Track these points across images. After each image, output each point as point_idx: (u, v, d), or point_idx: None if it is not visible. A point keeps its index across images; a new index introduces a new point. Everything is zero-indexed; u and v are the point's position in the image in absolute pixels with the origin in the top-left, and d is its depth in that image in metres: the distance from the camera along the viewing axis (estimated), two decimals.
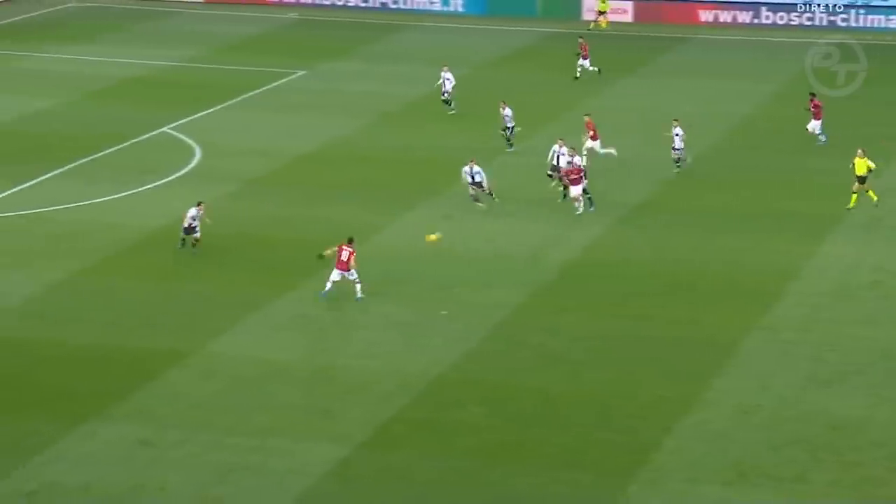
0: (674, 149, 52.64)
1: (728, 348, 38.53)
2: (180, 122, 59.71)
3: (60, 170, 53.59)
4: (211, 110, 61.94)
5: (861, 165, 47.76)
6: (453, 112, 60.18)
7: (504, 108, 55.16)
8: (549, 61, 71.11)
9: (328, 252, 41.31)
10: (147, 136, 57.83)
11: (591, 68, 66.65)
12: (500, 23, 79.38)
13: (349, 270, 41.08)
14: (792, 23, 78.17)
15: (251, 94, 64.92)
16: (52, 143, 57.11)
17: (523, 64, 71.14)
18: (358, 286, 41.20)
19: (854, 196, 48.03)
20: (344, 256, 41.02)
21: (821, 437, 33.59)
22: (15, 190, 51.22)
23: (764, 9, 78.73)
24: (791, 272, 43.70)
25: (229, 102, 62.74)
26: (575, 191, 48.07)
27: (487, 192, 48.21)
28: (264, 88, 65.29)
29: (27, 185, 51.84)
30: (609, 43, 73.77)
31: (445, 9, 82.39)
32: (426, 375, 37.17)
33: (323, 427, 34.54)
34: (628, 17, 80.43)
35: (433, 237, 43.52)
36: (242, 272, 44.06)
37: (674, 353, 38.43)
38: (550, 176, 49.93)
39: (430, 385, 36.72)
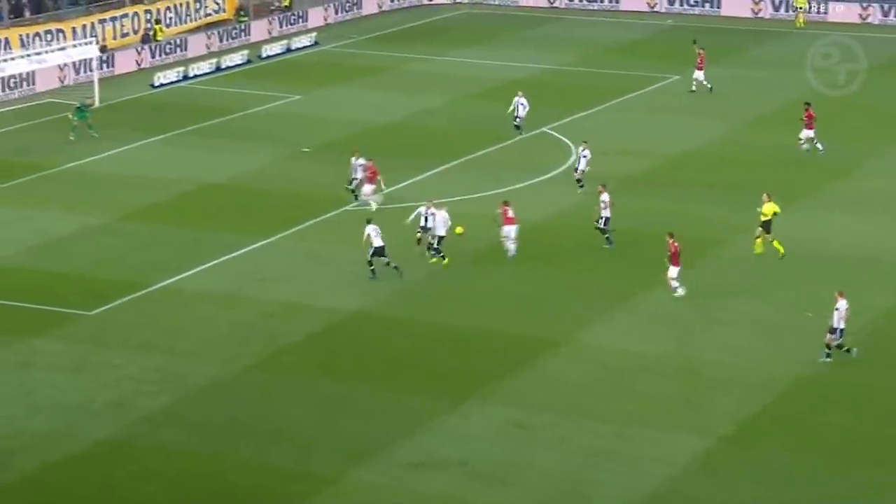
0: (576, 170, 49.79)
1: None
2: (559, 122, 59.68)
3: (446, 165, 54.40)
4: (588, 112, 61.67)
5: (768, 209, 42.21)
6: (520, 136, 56.42)
7: (356, 158, 49.08)
8: None
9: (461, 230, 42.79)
10: (528, 135, 58.03)
11: (705, 83, 62.15)
12: (877, 30, 75.93)
13: (515, 225, 42.81)
14: None
15: (627, 96, 64.30)
16: (439, 139, 58.05)
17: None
18: (513, 245, 43.01)
19: (758, 240, 42.63)
20: (511, 214, 42.78)
21: None
22: (408, 182, 52.25)
23: None
24: None
25: (607, 104, 62.30)
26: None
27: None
28: (640, 92, 64.53)
29: (419, 178, 52.86)
30: None
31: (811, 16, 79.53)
32: (788, 374, 35.78)
33: (687, 418, 33.70)
34: None
35: (458, 230, 42.92)
36: (612, 266, 43.55)
37: None
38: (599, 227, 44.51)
39: (792, 384, 35.35)
